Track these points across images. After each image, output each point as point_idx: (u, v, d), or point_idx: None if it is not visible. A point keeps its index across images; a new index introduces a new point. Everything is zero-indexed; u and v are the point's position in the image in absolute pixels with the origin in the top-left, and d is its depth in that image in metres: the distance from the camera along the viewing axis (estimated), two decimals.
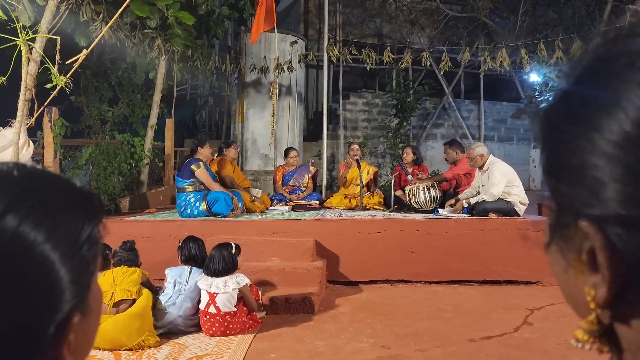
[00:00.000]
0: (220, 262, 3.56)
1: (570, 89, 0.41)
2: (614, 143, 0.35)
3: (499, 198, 5.41)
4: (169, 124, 8.48)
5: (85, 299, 0.48)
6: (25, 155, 4.49)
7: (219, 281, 3.50)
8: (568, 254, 0.41)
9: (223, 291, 3.47)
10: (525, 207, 5.56)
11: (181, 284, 3.71)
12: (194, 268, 3.80)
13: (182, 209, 5.45)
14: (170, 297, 3.64)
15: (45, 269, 0.44)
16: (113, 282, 3.42)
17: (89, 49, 4.13)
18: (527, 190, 6.10)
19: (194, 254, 3.87)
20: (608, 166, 0.35)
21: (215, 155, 6.37)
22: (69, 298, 0.45)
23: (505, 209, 5.43)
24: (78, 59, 4.04)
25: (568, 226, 0.39)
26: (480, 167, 5.68)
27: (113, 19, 4.42)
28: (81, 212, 0.50)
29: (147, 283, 3.71)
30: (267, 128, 9.56)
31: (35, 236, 0.44)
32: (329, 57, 9.15)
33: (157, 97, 7.87)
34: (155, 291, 3.84)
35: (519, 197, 5.49)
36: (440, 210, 5.81)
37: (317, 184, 7.81)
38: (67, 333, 0.45)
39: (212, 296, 3.49)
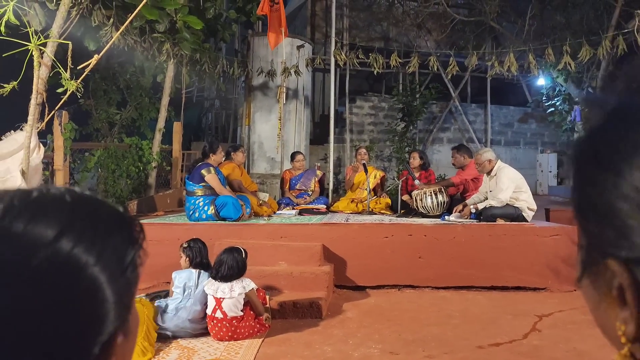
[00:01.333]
0: (234, 267, 3.56)
1: (597, 130, 0.42)
2: (638, 190, 0.36)
3: (507, 204, 5.41)
4: (177, 127, 8.52)
5: (127, 320, 0.49)
6: (36, 158, 4.53)
7: (225, 286, 3.51)
8: (599, 288, 0.41)
9: (229, 296, 3.47)
10: (533, 213, 5.54)
11: (191, 288, 3.73)
12: (201, 272, 3.81)
13: (191, 212, 5.47)
14: (180, 301, 3.66)
15: (95, 290, 0.46)
16: None
17: (100, 54, 4.16)
18: (534, 194, 6.09)
19: (205, 257, 3.89)
20: (634, 212, 0.36)
21: (223, 159, 6.38)
22: (114, 319, 0.47)
23: (513, 214, 5.42)
24: (89, 64, 4.07)
25: (598, 263, 0.40)
26: (488, 173, 5.67)
27: (124, 25, 4.46)
28: (126, 236, 0.52)
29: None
30: (274, 131, 9.59)
31: (87, 258, 0.46)
32: (336, 61, 9.18)
33: (165, 100, 7.91)
34: (157, 296, 3.86)
35: (526, 202, 5.48)
36: (447, 216, 5.80)
37: (325, 187, 7.82)
38: (111, 354, 0.47)
39: (219, 301, 3.50)
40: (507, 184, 5.41)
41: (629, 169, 0.37)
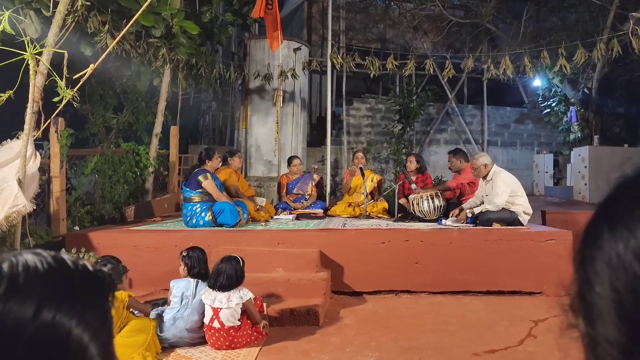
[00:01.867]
0: (232, 277, 3.56)
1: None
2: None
3: (503, 208, 5.43)
4: (174, 131, 8.53)
5: None
6: (32, 167, 4.53)
7: (222, 296, 3.52)
8: None
9: (226, 306, 3.48)
10: (528, 217, 5.57)
11: (188, 298, 3.74)
12: (199, 281, 3.82)
13: (188, 218, 5.48)
14: (178, 311, 3.67)
15: (81, 350, 0.48)
16: None
17: (97, 63, 4.16)
18: (531, 195, 6.14)
19: (203, 266, 3.89)
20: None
21: (220, 164, 6.39)
22: None
23: (509, 218, 5.45)
24: (85, 73, 4.08)
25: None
26: (484, 177, 5.69)
27: (122, 33, 4.45)
28: (100, 291, 0.54)
29: (136, 305, 3.61)
30: (271, 134, 9.61)
31: (70, 322, 0.48)
32: (333, 64, 9.19)
33: (161, 105, 7.91)
34: (155, 304, 3.88)
35: (522, 207, 5.51)
36: (444, 220, 5.83)
37: (323, 191, 7.84)
38: None
39: (216, 311, 3.51)
40: (503, 189, 5.44)
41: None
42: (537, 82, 13.32)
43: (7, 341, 0.44)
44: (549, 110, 13.23)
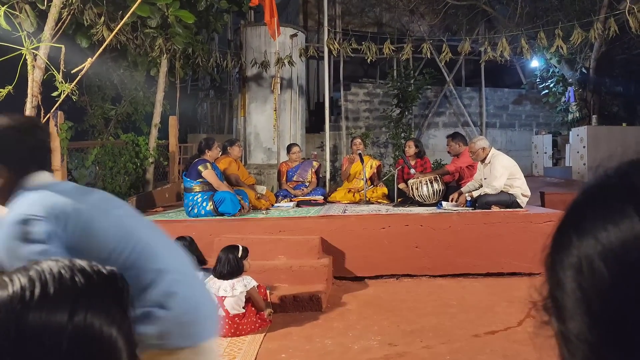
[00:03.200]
0: (226, 266, 3.64)
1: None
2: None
3: (501, 191, 5.48)
4: (172, 121, 8.54)
5: None
6: None
7: (226, 284, 3.59)
8: None
9: (231, 294, 3.56)
10: (527, 199, 5.63)
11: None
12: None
13: (190, 209, 5.53)
14: None
15: (112, 345, 0.54)
16: None
17: (94, 57, 4.18)
18: (529, 176, 6.21)
19: (193, 254, 3.92)
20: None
21: (220, 153, 6.43)
22: None
23: (507, 201, 5.50)
24: (83, 67, 4.09)
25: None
26: (482, 160, 5.73)
27: (119, 26, 4.46)
28: (117, 288, 0.59)
29: None
30: (270, 122, 9.62)
31: (100, 322, 0.53)
32: (330, 50, 9.17)
33: (159, 95, 7.92)
34: None
35: (520, 189, 5.56)
36: (444, 203, 5.88)
37: (320, 176, 7.88)
38: None
39: (221, 299, 3.58)
40: (501, 172, 5.48)
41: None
42: (535, 63, 13.27)
43: (51, 347, 0.49)
44: (547, 90, 13.21)
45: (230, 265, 3.67)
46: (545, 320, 0.47)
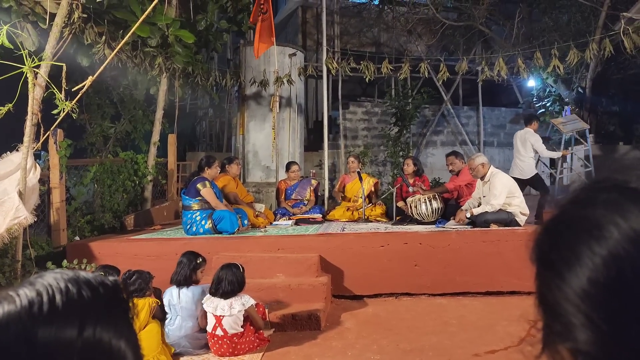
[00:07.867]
0: (234, 284, 3.60)
1: (545, 231, 0.48)
2: (576, 294, 0.42)
3: (500, 209, 5.49)
4: (171, 139, 8.55)
5: None
6: (33, 179, 4.56)
7: (224, 304, 3.55)
8: None
9: (229, 314, 3.52)
10: (525, 218, 5.63)
11: (174, 306, 3.78)
12: (182, 288, 3.83)
13: (188, 226, 5.52)
14: (170, 319, 3.71)
15: (121, 357, 0.54)
16: None
17: (95, 76, 4.20)
18: (527, 195, 6.19)
19: (183, 273, 3.90)
20: (575, 312, 0.42)
21: (219, 172, 6.43)
22: None
23: (506, 219, 5.50)
24: (84, 85, 4.12)
25: (554, 344, 0.47)
26: (482, 178, 5.75)
27: (119, 46, 4.50)
28: (122, 300, 0.59)
29: (158, 313, 3.64)
30: (268, 140, 9.64)
31: (108, 334, 0.53)
32: (328, 69, 9.25)
33: (159, 114, 7.94)
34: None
35: (519, 207, 5.57)
36: (446, 223, 5.89)
37: (319, 194, 7.88)
38: None
39: (219, 319, 3.54)
40: (500, 190, 5.49)
41: (569, 274, 0.43)
42: (532, 83, 13.39)
43: None
44: (543, 110, 13.30)
45: (238, 283, 3.60)
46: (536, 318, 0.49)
